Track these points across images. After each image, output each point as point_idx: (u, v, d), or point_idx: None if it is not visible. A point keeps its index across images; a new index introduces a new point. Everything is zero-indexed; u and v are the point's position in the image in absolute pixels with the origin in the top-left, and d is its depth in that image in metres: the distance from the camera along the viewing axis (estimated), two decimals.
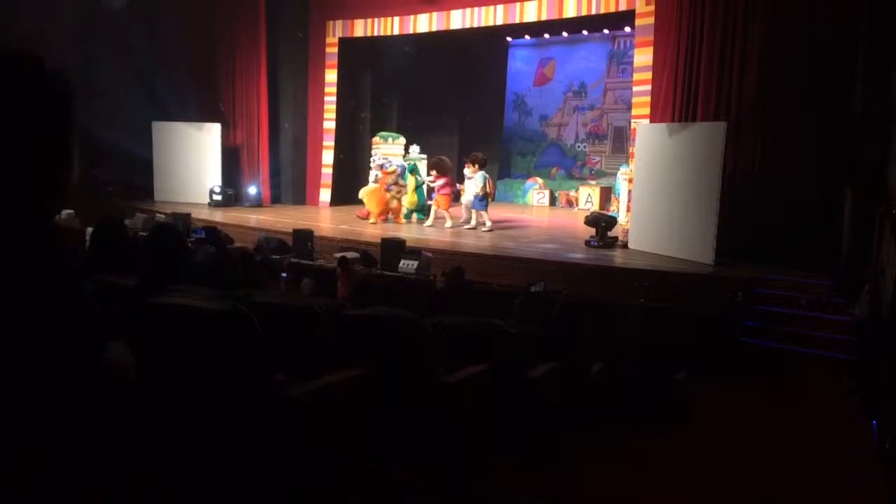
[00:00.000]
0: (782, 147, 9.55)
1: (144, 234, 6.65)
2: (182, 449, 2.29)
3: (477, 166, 12.56)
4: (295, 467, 2.33)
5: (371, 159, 14.74)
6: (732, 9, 10.00)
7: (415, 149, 16.16)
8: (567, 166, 18.92)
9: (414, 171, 13.90)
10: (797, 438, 5.32)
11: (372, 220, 13.35)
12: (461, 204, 13.27)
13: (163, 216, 12.50)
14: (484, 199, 12.66)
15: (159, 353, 2.26)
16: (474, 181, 12.54)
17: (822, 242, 8.84)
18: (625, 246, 10.92)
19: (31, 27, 12.71)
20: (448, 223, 12.96)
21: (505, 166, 19.53)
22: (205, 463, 2.34)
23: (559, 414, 4.22)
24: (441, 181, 13.08)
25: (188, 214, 12.07)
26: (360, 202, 13.88)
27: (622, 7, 12.05)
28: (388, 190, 13.49)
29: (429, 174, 13.67)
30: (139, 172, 15.17)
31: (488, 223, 12.63)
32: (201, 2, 15.82)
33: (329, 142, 16.08)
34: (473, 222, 12.83)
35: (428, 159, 14.56)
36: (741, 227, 9.52)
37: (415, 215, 13.88)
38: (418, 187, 13.76)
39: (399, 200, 13.63)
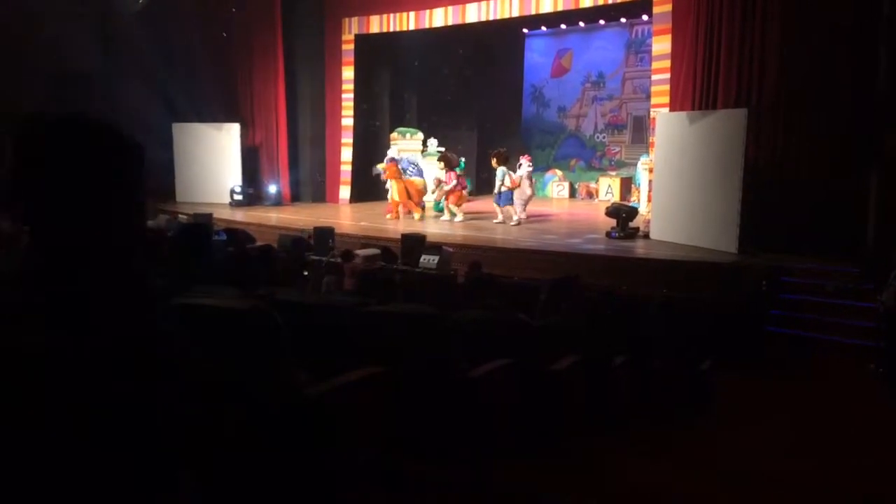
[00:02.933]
0: (806, 133, 9.42)
1: (170, 234, 6.70)
2: (205, 448, 2.30)
3: (496, 161, 12.51)
4: (318, 465, 2.34)
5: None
6: None
7: (433, 142, 16.16)
8: (586, 157, 18.80)
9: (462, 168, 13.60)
10: (825, 426, 5.27)
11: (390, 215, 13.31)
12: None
13: (185, 217, 12.60)
14: (510, 194, 12.59)
15: (183, 354, 2.28)
16: (499, 177, 12.50)
17: (847, 229, 8.71)
18: (646, 236, 10.84)
19: (53, 32, 12.86)
20: (458, 217, 12.91)
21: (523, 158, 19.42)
22: (228, 462, 2.35)
23: (583, 407, 4.20)
24: (451, 176, 13.01)
25: (210, 215, 12.17)
26: (379, 199, 13.85)
27: None
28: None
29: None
30: (160, 173, 15.31)
31: (515, 217, 12.57)
32: (218, 3, 15.90)
33: (347, 139, 16.12)
34: (501, 217, 12.76)
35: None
36: (765, 214, 9.40)
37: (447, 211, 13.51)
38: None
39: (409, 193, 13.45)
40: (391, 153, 14.21)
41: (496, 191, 12.65)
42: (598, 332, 4.91)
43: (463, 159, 13.60)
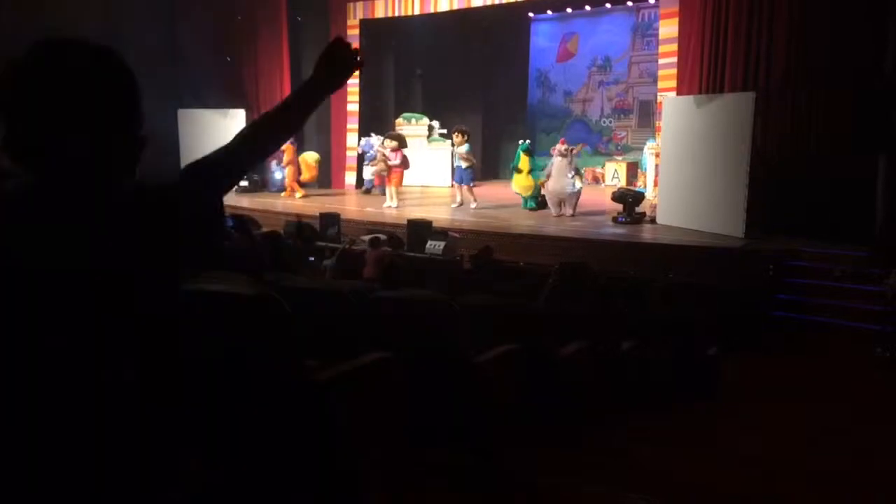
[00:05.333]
0: (813, 117, 9.37)
1: None
2: (214, 435, 2.31)
3: (461, 137, 12.28)
4: (327, 451, 2.35)
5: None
6: None
7: (436, 123, 16.12)
8: (593, 142, 18.71)
9: (528, 151, 12.16)
10: (833, 411, 5.26)
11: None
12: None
13: None
14: (470, 174, 12.35)
15: (191, 340, 2.28)
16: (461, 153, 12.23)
17: (855, 212, 8.67)
18: (653, 221, 10.81)
19: (60, 19, 12.81)
20: (394, 203, 12.66)
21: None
22: (237, 449, 2.36)
23: (590, 393, 4.21)
24: (398, 155, 12.73)
25: None
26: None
27: None
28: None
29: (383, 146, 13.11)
30: (166, 160, 15.27)
31: (473, 204, 12.34)
32: None
33: (353, 125, 16.09)
34: (459, 199, 12.49)
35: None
36: (772, 199, 9.37)
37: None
38: (532, 170, 12.08)
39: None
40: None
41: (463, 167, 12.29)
42: (605, 317, 4.91)
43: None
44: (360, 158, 15.60)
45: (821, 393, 5.86)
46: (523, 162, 11.99)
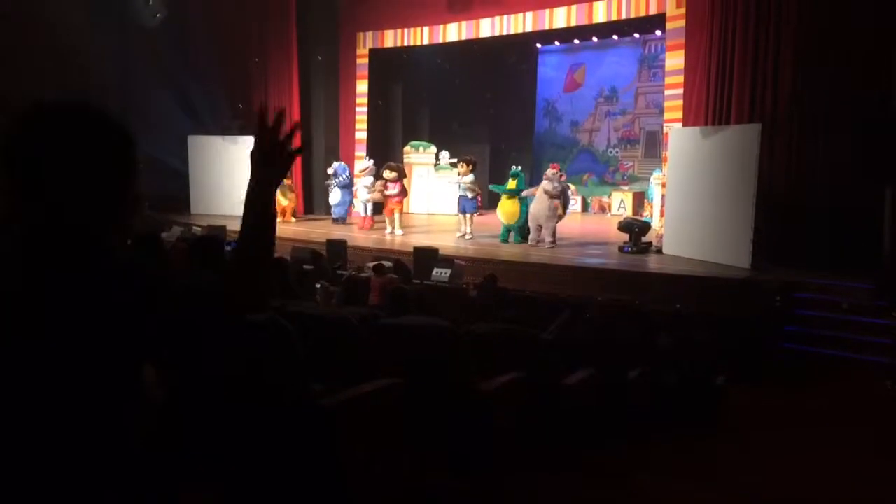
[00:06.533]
0: (820, 148, 9.37)
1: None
2: (220, 460, 2.31)
3: (467, 168, 12.26)
4: (333, 477, 2.34)
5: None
6: (765, 7, 9.82)
7: (444, 155, 16.18)
8: (599, 172, 18.80)
9: (517, 176, 11.85)
10: (840, 444, 5.21)
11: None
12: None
13: (199, 228, 12.67)
14: (474, 204, 12.33)
15: (197, 366, 2.29)
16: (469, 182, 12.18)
17: (862, 245, 8.64)
18: (659, 251, 10.80)
19: (75, 45, 13.02)
20: (398, 231, 12.72)
21: (536, 173, 19.45)
22: (244, 473, 2.36)
23: (596, 422, 4.18)
24: (398, 186, 12.83)
25: (223, 227, 12.22)
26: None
27: (652, 11, 11.97)
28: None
29: (381, 177, 13.04)
30: (175, 185, 15.41)
31: (469, 231, 12.35)
32: (234, 18, 16.05)
33: (361, 152, 16.20)
34: (465, 229, 12.42)
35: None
36: (779, 230, 9.35)
37: (512, 235, 12.02)
38: (522, 198, 11.83)
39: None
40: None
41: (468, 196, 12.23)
42: (611, 346, 4.90)
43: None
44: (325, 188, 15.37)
45: (827, 426, 5.80)
46: (510, 185, 11.82)
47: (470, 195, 12.29)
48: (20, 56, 11.66)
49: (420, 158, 16.75)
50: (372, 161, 14.29)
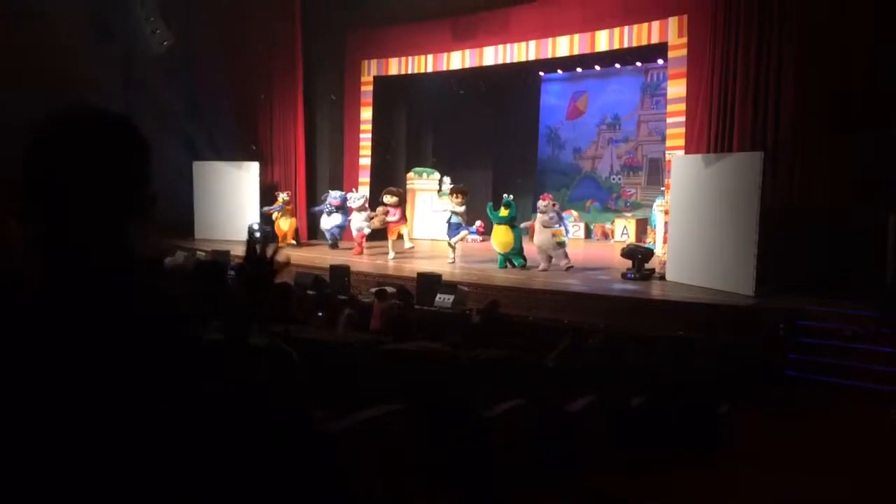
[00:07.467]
0: (823, 174, 9.39)
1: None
2: (222, 486, 2.31)
3: (461, 197, 12.39)
4: (335, 502, 2.34)
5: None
6: (766, 36, 9.91)
7: (447, 181, 16.28)
8: (602, 199, 18.84)
9: (509, 205, 11.86)
10: (844, 473, 5.17)
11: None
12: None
13: (203, 253, 12.72)
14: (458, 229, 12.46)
15: (197, 391, 2.30)
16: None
17: (866, 272, 8.63)
18: (662, 278, 10.80)
19: (76, 72, 13.14)
20: (391, 254, 12.98)
21: (539, 200, 19.52)
22: (245, 499, 2.36)
23: (599, 448, 4.17)
24: (398, 212, 13.16)
25: (227, 252, 12.26)
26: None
27: (655, 40, 12.09)
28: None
29: (382, 202, 13.33)
30: (180, 211, 15.49)
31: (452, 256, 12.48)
32: (240, 44, 16.23)
33: (365, 178, 16.28)
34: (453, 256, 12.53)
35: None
36: (782, 257, 9.34)
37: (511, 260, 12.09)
38: (515, 226, 11.90)
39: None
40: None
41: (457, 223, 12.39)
42: (614, 373, 4.89)
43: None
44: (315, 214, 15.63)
45: (830, 455, 5.76)
46: (503, 213, 11.79)
47: (461, 222, 12.43)
48: (25, 83, 11.76)
49: (423, 184, 16.84)
50: (365, 197, 14.39)
